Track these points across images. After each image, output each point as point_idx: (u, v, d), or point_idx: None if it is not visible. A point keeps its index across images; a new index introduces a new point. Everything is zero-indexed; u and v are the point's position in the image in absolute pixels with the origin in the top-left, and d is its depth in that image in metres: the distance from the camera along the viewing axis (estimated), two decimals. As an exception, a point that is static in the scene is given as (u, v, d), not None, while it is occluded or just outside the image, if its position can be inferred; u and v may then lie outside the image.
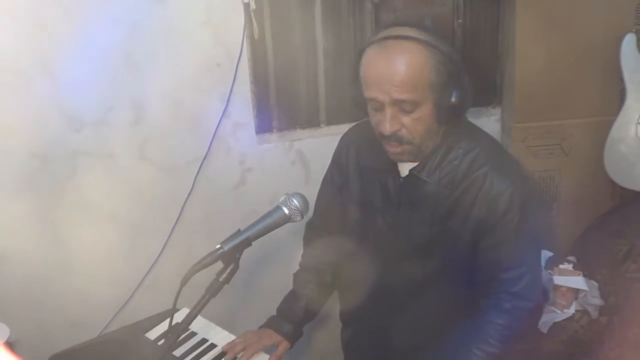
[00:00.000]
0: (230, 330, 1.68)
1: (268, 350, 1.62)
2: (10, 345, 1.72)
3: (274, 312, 1.75)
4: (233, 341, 1.60)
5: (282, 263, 2.10)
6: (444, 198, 1.48)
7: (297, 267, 1.82)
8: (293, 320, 1.68)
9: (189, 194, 2.12)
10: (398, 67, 1.36)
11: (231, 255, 1.29)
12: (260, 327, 1.68)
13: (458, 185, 1.47)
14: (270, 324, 1.69)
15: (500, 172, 1.46)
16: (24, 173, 1.96)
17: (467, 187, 1.46)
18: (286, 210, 1.34)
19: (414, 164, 1.51)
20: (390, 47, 1.38)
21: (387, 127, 1.40)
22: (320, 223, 1.77)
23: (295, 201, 1.35)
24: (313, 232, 1.79)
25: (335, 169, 1.70)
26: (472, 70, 2.36)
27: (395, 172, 1.54)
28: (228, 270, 1.30)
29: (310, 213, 1.59)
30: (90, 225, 2.04)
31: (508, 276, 1.49)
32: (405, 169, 1.53)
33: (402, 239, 1.55)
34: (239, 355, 1.57)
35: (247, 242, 1.31)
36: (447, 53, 1.39)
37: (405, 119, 1.40)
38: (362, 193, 1.60)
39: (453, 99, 1.40)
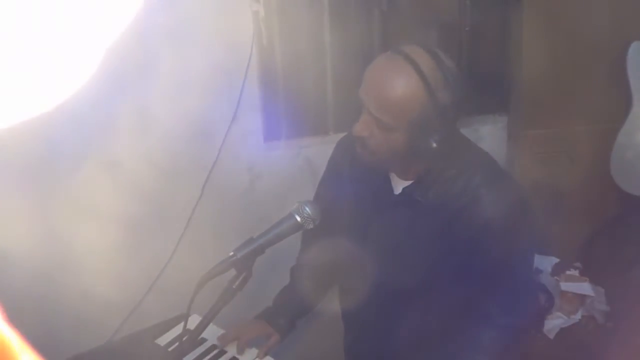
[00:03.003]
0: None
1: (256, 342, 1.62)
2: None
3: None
4: (225, 333, 1.60)
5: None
6: (439, 217, 1.45)
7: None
8: (287, 313, 1.67)
9: (198, 200, 2.13)
10: (389, 87, 1.33)
11: (244, 263, 1.30)
12: (255, 317, 1.67)
13: (453, 205, 1.43)
14: (265, 315, 1.68)
15: (497, 191, 1.43)
16: (30, 178, 1.97)
17: (463, 207, 1.42)
18: (299, 219, 1.34)
19: (407, 183, 1.48)
20: (395, 63, 1.34)
21: (357, 129, 1.38)
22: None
23: (307, 209, 1.35)
24: (310, 230, 1.68)
25: (331, 174, 1.69)
26: (478, 77, 2.37)
27: (388, 189, 1.51)
28: (241, 278, 1.30)
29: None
30: (98, 233, 2.04)
31: (499, 291, 1.48)
32: (398, 185, 1.50)
33: (397, 253, 1.54)
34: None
35: (260, 250, 1.31)
36: (443, 101, 1.32)
37: (377, 131, 1.37)
38: (357, 202, 1.58)
39: (432, 143, 1.36)
